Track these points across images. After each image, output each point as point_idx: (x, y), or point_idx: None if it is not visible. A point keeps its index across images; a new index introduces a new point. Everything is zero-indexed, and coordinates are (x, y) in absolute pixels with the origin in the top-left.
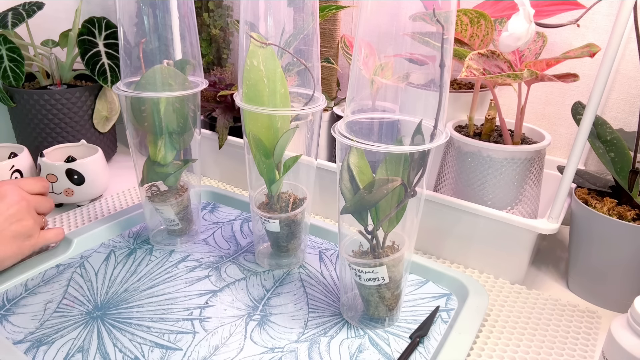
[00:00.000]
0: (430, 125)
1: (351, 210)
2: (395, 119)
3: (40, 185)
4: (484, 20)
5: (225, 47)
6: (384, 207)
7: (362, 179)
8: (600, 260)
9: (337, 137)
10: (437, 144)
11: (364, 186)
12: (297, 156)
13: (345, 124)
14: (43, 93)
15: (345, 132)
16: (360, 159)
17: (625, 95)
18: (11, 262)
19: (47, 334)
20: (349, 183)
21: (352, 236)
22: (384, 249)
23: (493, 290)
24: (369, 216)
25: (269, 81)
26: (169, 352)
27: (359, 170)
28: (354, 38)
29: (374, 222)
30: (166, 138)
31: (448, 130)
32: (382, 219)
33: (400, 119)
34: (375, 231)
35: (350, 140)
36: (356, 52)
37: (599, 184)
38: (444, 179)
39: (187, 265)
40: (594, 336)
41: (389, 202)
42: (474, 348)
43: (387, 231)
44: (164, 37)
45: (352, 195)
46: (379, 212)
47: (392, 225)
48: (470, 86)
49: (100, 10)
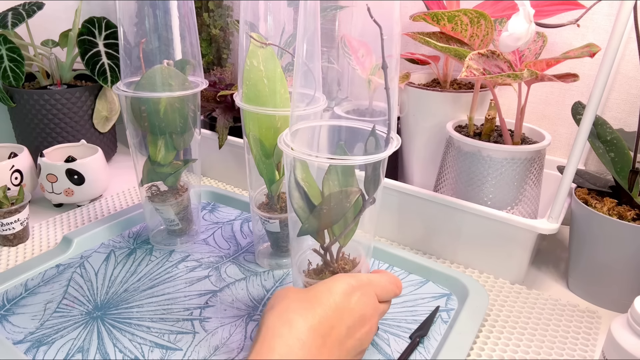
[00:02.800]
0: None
1: (310, 230)
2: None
3: (394, 293)
4: (484, 20)
5: (225, 47)
6: (342, 220)
7: (313, 194)
8: (600, 260)
9: (283, 149)
10: (389, 152)
11: (318, 203)
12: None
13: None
14: (43, 93)
15: (290, 142)
16: (306, 173)
17: (625, 95)
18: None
19: (47, 334)
20: (301, 201)
21: (303, 253)
22: (338, 262)
23: (493, 290)
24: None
25: (269, 81)
26: (169, 352)
27: (308, 185)
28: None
29: (330, 237)
30: (166, 138)
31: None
32: (341, 233)
33: (352, 126)
34: (330, 246)
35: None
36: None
37: (599, 184)
38: (444, 179)
39: (187, 265)
40: (594, 336)
41: (347, 215)
42: (474, 348)
43: (343, 244)
44: (164, 37)
45: (307, 214)
46: (335, 225)
47: (349, 237)
48: (470, 86)
49: (100, 10)
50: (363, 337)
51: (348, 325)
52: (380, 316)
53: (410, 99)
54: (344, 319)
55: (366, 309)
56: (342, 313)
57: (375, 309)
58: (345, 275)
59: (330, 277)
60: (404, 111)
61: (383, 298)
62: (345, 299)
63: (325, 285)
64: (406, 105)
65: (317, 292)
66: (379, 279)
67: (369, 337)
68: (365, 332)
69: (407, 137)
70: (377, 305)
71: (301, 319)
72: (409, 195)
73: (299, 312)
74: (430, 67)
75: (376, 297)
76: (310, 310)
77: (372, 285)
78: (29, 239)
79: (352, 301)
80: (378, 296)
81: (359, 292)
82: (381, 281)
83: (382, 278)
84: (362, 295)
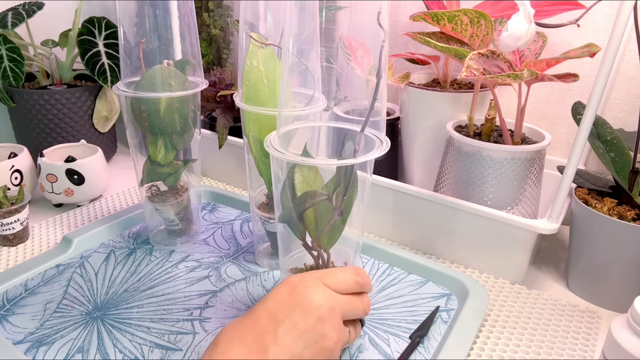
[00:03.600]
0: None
1: (287, 219)
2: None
3: (354, 282)
4: (484, 20)
5: (225, 47)
6: (319, 223)
7: (300, 188)
8: (600, 260)
9: (271, 152)
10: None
11: (298, 196)
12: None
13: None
14: (43, 93)
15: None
16: (309, 171)
17: (625, 95)
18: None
19: (47, 334)
20: (287, 192)
21: (295, 254)
22: (328, 266)
23: (493, 290)
24: (307, 232)
25: (269, 81)
26: (169, 353)
27: (304, 179)
28: (353, 38)
29: (312, 237)
30: (166, 138)
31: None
32: (318, 234)
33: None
34: (314, 245)
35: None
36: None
37: (599, 184)
38: (444, 179)
39: (187, 265)
40: (594, 336)
41: (322, 218)
42: (474, 348)
43: (326, 248)
44: (164, 37)
45: (290, 204)
46: (314, 226)
47: (332, 241)
48: (470, 86)
49: (100, 10)
50: (311, 325)
51: (281, 320)
52: (344, 305)
53: (410, 99)
54: (278, 318)
55: (310, 298)
56: (276, 314)
57: (326, 297)
58: (289, 277)
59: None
60: (404, 111)
61: (339, 288)
62: (280, 299)
63: (262, 299)
64: (406, 105)
65: (254, 309)
66: (331, 270)
67: (322, 325)
68: (313, 320)
69: (407, 137)
70: (327, 292)
71: (235, 343)
72: (409, 195)
73: (232, 339)
74: (430, 67)
75: (325, 286)
76: (242, 333)
77: (320, 278)
78: (29, 239)
79: (290, 297)
80: (329, 285)
81: (300, 285)
82: (335, 272)
83: (339, 269)
84: (304, 288)
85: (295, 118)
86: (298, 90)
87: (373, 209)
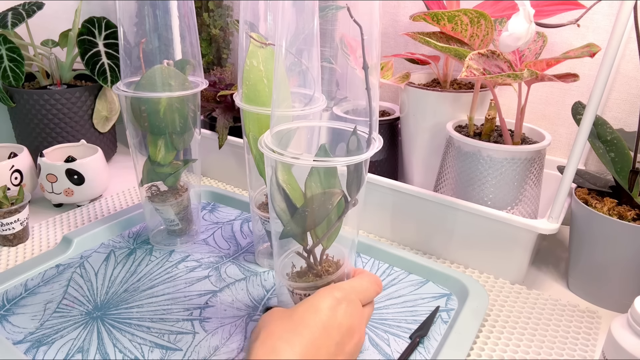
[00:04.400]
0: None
1: (292, 233)
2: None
3: (375, 293)
4: (484, 20)
5: (225, 47)
6: (325, 222)
7: (295, 196)
8: (600, 260)
9: (264, 151)
10: (372, 152)
11: (300, 205)
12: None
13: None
14: (43, 93)
15: (272, 144)
16: (288, 175)
17: (625, 95)
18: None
19: (47, 334)
20: (283, 203)
21: (286, 256)
22: (322, 265)
23: (493, 290)
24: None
25: (269, 81)
26: (168, 353)
27: (290, 187)
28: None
29: (313, 240)
30: (166, 138)
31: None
32: (324, 235)
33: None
34: (313, 248)
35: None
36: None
37: (599, 184)
38: (444, 179)
39: (187, 265)
40: (594, 336)
41: (330, 217)
42: (474, 348)
43: (326, 247)
44: (164, 37)
45: (289, 217)
46: (318, 227)
47: (332, 239)
48: (470, 86)
49: (100, 10)
50: (352, 349)
51: (337, 341)
52: (366, 321)
53: (410, 99)
54: (332, 336)
55: (353, 320)
56: (329, 331)
57: (362, 317)
58: (328, 288)
59: (315, 292)
60: (404, 111)
61: (366, 301)
62: (332, 314)
63: (310, 303)
64: (406, 105)
65: (302, 312)
66: (360, 282)
67: (358, 347)
68: (354, 344)
69: (407, 137)
70: (362, 311)
71: (287, 345)
72: (409, 195)
73: (284, 337)
74: (430, 67)
75: (360, 303)
76: (296, 334)
77: (355, 292)
78: (29, 239)
79: (339, 315)
80: (361, 301)
81: (344, 303)
82: (362, 284)
83: (363, 281)
84: (348, 306)
85: (295, 118)
86: (298, 90)
87: (373, 209)
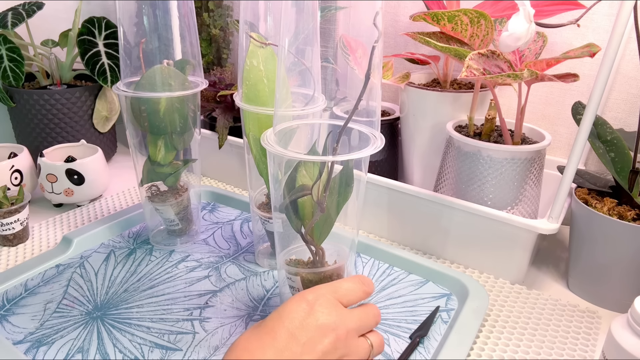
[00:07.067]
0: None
1: (280, 209)
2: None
3: (362, 292)
4: (484, 20)
5: (225, 47)
6: (308, 216)
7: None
8: (600, 260)
9: (268, 148)
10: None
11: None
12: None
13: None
14: (43, 93)
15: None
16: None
17: (625, 95)
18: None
19: (47, 334)
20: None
21: (292, 249)
22: (322, 262)
23: (493, 290)
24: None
25: (269, 81)
26: (168, 353)
27: (307, 176)
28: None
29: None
30: (166, 138)
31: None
32: (307, 227)
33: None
34: (307, 237)
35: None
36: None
37: (599, 184)
38: (444, 179)
39: (187, 265)
40: (594, 336)
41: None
42: (474, 348)
43: (318, 243)
44: (164, 37)
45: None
46: (304, 220)
47: (323, 238)
48: (470, 86)
49: (100, 10)
50: (327, 348)
51: (303, 342)
52: (357, 321)
53: (410, 99)
54: (299, 339)
55: (328, 319)
56: (295, 334)
57: (341, 315)
58: (302, 292)
59: (289, 298)
60: (404, 111)
61: (350, 301)
62: (301, 318)
63: (278, 311)
64: (406, 105)
65: (270, 321)
66: (342, 283)
67: (338, 347)
68: (329, 342)
69: (407, 137)
70: (342, 311)
71: (249, 355)
72: (409, 195)
73: (249, 348)
74: (430, 67)
75: (338, 302)
76: (261, 344)
77: (332, 292)
78: (29, 239)
79: (310, 317)
80: (341, 299)
81: (317, 304)
82: (345, 285)
83: (347, 281)
84: (321, 307)
85: (295, 117)
86: (297, 90)
87: (373, 209)
